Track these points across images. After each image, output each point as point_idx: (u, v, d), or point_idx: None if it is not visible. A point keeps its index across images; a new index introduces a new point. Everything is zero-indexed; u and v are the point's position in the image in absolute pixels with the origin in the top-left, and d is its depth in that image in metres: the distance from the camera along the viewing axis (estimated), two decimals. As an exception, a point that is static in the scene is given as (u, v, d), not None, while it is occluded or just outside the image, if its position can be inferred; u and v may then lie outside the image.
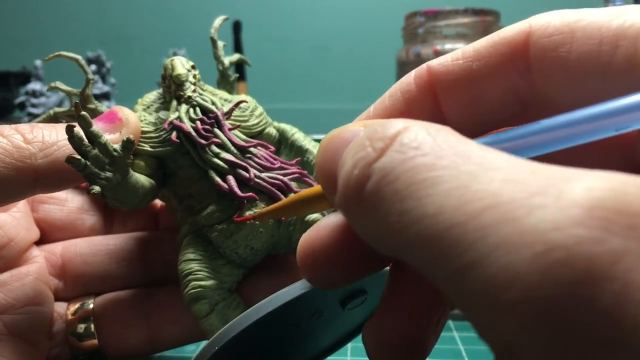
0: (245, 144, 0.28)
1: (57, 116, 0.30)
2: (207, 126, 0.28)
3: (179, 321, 0.29)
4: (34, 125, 0.26)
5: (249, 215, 0.26)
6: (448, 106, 0.20)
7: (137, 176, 0.27)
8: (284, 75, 1.22)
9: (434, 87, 0.19)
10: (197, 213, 0.28)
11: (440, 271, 0.12)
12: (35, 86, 0.70)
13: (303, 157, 0.31)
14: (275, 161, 0.28)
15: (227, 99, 0.30)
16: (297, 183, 0.28)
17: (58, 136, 0.26)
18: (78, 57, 0.29)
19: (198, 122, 0.28)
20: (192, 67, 0.30)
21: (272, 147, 0.29)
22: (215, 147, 0.28)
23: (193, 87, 0.29)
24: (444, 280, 0.12)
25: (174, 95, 0.29)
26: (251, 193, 0.27)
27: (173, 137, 0.28)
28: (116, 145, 0.25)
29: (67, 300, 0.30)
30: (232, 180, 0.27)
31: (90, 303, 0.30)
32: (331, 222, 0.17)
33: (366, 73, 1.15)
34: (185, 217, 0.29)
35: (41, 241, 0.31)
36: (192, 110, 0.28)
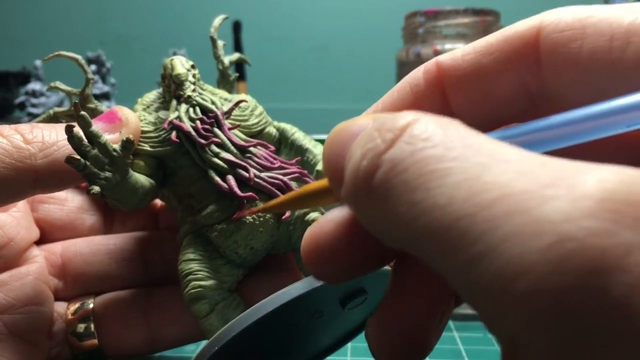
0: (245, 144, 0.28)
1: (57, 116, 0.30)
2: (207, 126, 0.28)
3: (179, 321, 0.29)
4: (34, 125, 0.26)
5: (251, 210, 0.26)
6: (457, 101, 0.20)
7: (137, 176, 0.27)
8: (284, 75, 1.22)
9: (443, 82, 0.19)
10: (197, 213, 0.28)
11: (448, 263, 0.12)
12: (35, 86, 0.70)
13: (303, 157, 0.31)
14: (275, 161, 0.28)
15: (227, 99, 0.30)
16: (297, 183, 0.28)
17: (58, 136, 0.26)
18: (78, 57, 0.29)
19: (198, 122, 0.28)
20: (192, 67, 0.30)
21: (272, 147, 0.29)
22: (215, 147, 0.27)
23: (193, 87, 0.29)
24: (452, 272, 0.12)
25: (174, 94, 0.29)
26: (251, 193, 0.27)
27: (173, 137, 0.28)
28: (116, 145, 0.25)
29: (67, 300, 0.30)
30: (232, 180, 0.27)
31: (90, 303, 0.30)
32: (336, 217, 0.17)
33: (366, 73, 1.15)
34: (185, 217, 0.29)
35: (41, 241, 0.31)
36: (192, 109, 0.28)
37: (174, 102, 0.29)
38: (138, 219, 0.33)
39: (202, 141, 0.27)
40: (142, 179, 0.27)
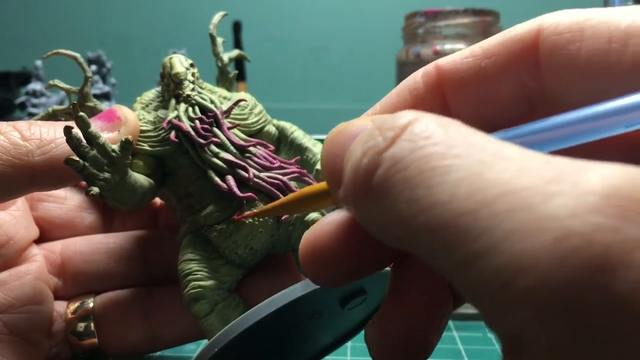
0: (244, 144, 0.28)
1: (56, 114, 0.30)
2: (206, 125, 0.28)
3: (179, 320, 0.29)
4: (32, 122, 0.26)
5: (250, 212, 0.26)
6: (456, 105, 0.20)
7: (136, 176, 0.27)
8: (284, 75, 1.22)
9: (442, 86, 0.19)
10: (197, 212, 0.28)
11: (449, 260, 0.12)
12: (35, 86, 0.70)
13: (302, 156, 0.31)
14: (274, 160, 0.28)
15: (227, 97, 0.30)
16: (297, 182, 0.28)
17: (56, 134, 0.25)
18: (76, 55, 0.29)
19: (197, 121, 0.28)
20: (191, 65, 0.30)
21: (272, 146, 0.29)
22: (214, 147, 0.27)
23: (192, 86, 0.29)
24: (453, 269, 0.12)
25: (173, 93, 0.29)
26: (250, 193, 0.27)
27: (172, 137, 0.27)
28: (114, 145, 0.25)
29: (67, 298, 0.30)
30: (231, 180, 0.27)
31: (90, 302, 0.30)
32: (334, 220, 0.17)
33: (366, 73, 1.15)
34: (184, 217, 0.29)
35: (40, 239, 0.31)
36: (191, 109, 0.28)
37: (173, 101, 0.29)
38: (138, 218, 0.33)
39: (202, 141, 0.27)
40: (141, 179, 0.27)
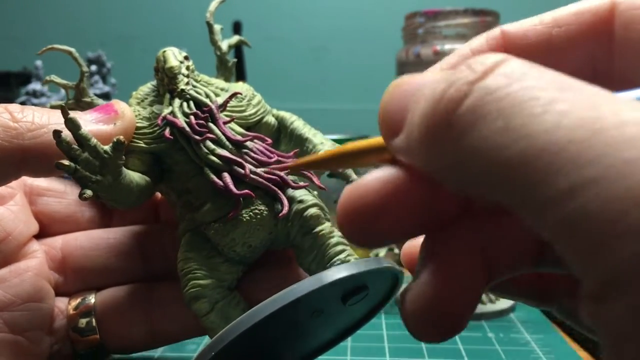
0: (240, 139, 0.27)
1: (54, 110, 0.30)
2: (201, 120, 0.27)
3: (180, 315, 0.29)
4: (25, 106, 0.25)
5: (291, 163, 0.22)
6: None
7: (131, 175, 0.26)
8: (284, 75, 1.22)
9: (508, 51, 0.19)
10: (196, 210, 0.28)
11: (542, 194, 0.11)
12: (35, 86, 0.70)
13: (302, 146, 0.30)
14: (272, 155, 0.28)
15: (224, 88, 0.30)
16: (295, 176, 0.28)
17: (50, 120, 0.25)
18: (71, 50, 0.29)
19: (192, 117, 0.27)
20: (185, 58, 0.29)
21: (269, 140, 0.29)
22: (210, 143, 0.27)
23: (186, 80, 0.28)
24: (542, 205, 0.11)
25: (167, 88, 0.28)
26: (247, 190, 0.27)
27: (166, 134, 0.27)
28: (106, 147, 0.24)
29: (68, 294, 0.30)
30: (228, 177, 0.27)
31: (91, 298, 0.30)
32: (381, 175, 0.16)
33: (366, 73, 1.15)
34: (183, 214, 0.29)
35: (40, 234, 0.30)
36: (186, 104, 0.28)
37: (168, 96, 0.28)
38: (138, 212, 0.33)
39: (197, 137, 0.27)
40: (137, 178, 0.27)
